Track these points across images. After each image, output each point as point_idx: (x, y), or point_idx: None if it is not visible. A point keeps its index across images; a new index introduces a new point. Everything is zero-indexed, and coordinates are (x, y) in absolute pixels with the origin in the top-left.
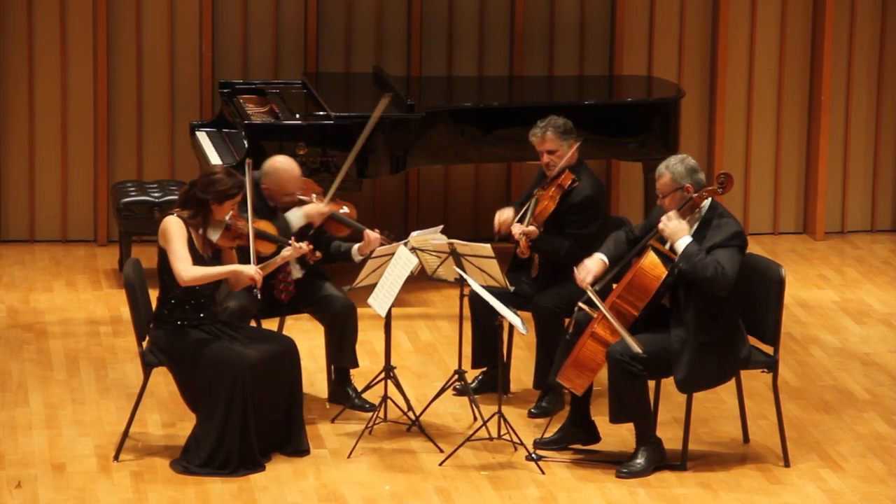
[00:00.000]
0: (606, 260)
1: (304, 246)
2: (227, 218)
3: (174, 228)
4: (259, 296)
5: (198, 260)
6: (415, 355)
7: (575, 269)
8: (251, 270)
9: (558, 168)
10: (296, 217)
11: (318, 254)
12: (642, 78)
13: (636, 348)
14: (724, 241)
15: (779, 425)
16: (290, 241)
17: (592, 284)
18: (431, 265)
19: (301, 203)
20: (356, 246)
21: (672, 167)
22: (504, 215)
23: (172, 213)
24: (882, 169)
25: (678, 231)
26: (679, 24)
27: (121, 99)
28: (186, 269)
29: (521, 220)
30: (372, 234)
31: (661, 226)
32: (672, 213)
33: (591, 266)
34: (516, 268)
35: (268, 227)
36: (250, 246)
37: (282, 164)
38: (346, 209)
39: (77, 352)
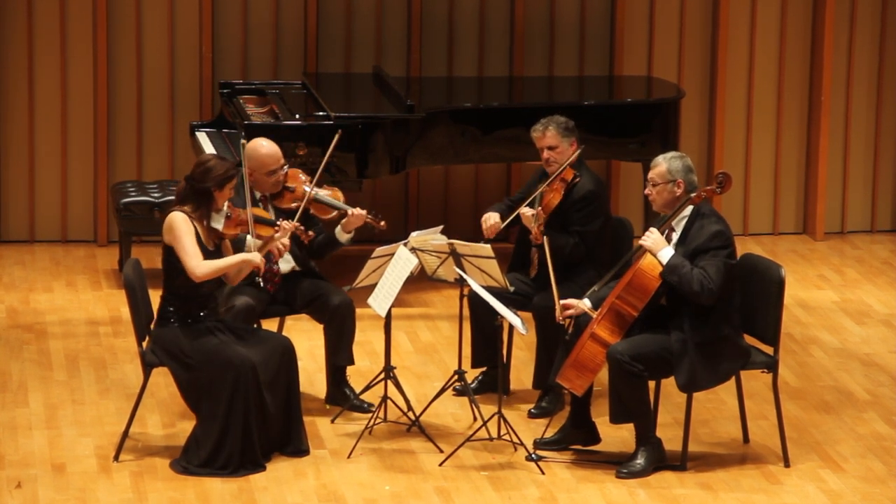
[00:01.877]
0: (590, 304)
1: (290, 224)
2: (224, 208)
3: (181, 225)
4: (262, 283)
5: (204, 253)
6: (415, 355)
7: (559, 303)
8: (257, 259)
9: (560, 166)
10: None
11: (310, 233)
12: (642, 78)
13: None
14: (706, 242)
15: (779, 426)
16: (278, 223)
17: (590, 287)
18: (431, 265)
19: (286, 191)
20: (340, 225)
21: (670, 159)
22: (490, 221)
23: (174, 210)
24: (882, 169)
25: (659, 243)
26: (679, 24)
27: (121, 99)
28: (199, 265)
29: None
30: (356, 210)
31: (641, 241)
32: (652, 229)
33: (576, 303)
34: (516, 268)
35: (261, 212)
36: (250, 230)
37: (258, 141)
38: (330, 192)
39: (77, 352)
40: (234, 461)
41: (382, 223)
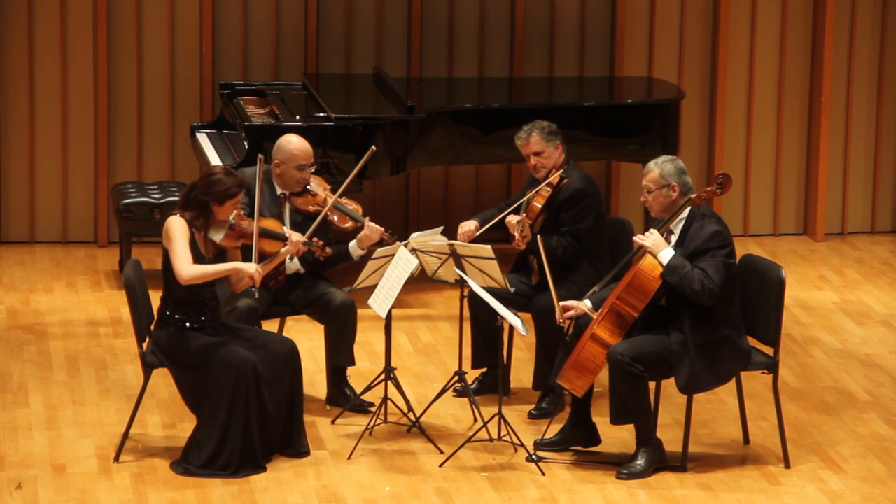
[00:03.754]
0: (590, 305)
1: (301, 239)
2: (230, 218)
3: (176, 228)
4: (257, 295)
5: (200, 260)
6: (415, 356)
7: (559, 305)
8: (251, 269)
9: (546, 170)
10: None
11: (328, 249)
12: (642, 79)
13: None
14: (704, 243)
15: (779, 426)
16: (287, 236)
17: (590, 287)
18: (432, 266)
19: (308, 193)
20: (355, 239)
21: (661, 164)
22: (465, 228)
23: (175, 214)
24: (882, 170)
25: (659, 244)
26: (679, 24)
27: (121, 100)
28: (186, 268)
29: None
30: (373, 225)
31: (640, 242)
32: (652, 230)
33: (575, 303)
34: (516, 269)
35: (273, 224)
36: (254, 245)
37: (290, 136)
38: (352, 206)
39: (77, 353)
40: (235, 462)
41: (397, 243)
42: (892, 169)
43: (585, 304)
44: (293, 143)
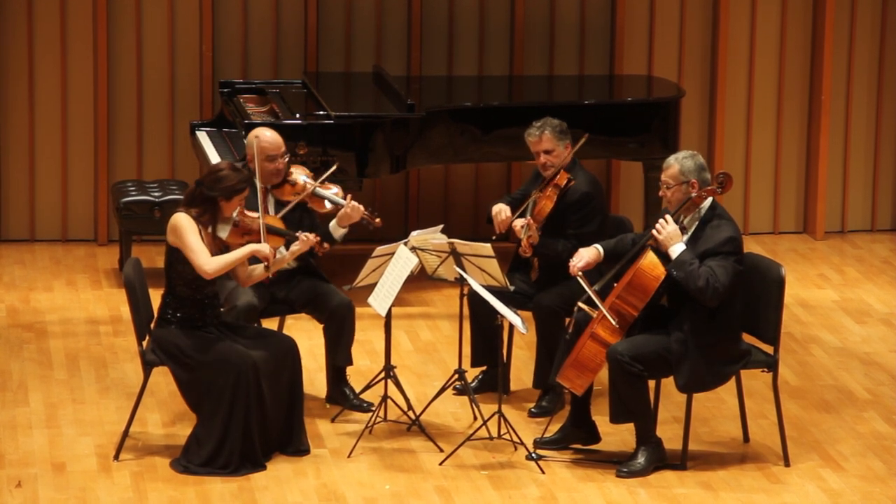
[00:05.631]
0: (601, 249)
1: (312, 237)
2: (234, 215)
3: (185, 224)
4: (270, 274)
5: None
6: (415, 355)
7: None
8: (266, 249)
9: (555, 168)
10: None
11: (325, 245)
12: (642, 77)
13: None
14: (717, 247)
15: (779, 425)
16: (297, 235)
17: (592, 283)
18: (431, 265)
19: (287, 184)
20: (335, 219)
21: (682, 160)
22: (502, 216)
23: (180, 211)
24: (882, 168)
25: (673, 237)
26: (679, 24)
27: (121, 99)
28: (207, 262)
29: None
30: (354, 204)
31: (655, 232)
32: (668, 218)
33: (584, 253)
34: (516, 268)
35: (276, 221)
36: (261, 240)
37: (259, 129)
38: (335, 189)
39: (77, 351)
40: (235, 460)
41: (378, 220)
42: (892, 167)
43: (596, 249)
44: (259, 138)
